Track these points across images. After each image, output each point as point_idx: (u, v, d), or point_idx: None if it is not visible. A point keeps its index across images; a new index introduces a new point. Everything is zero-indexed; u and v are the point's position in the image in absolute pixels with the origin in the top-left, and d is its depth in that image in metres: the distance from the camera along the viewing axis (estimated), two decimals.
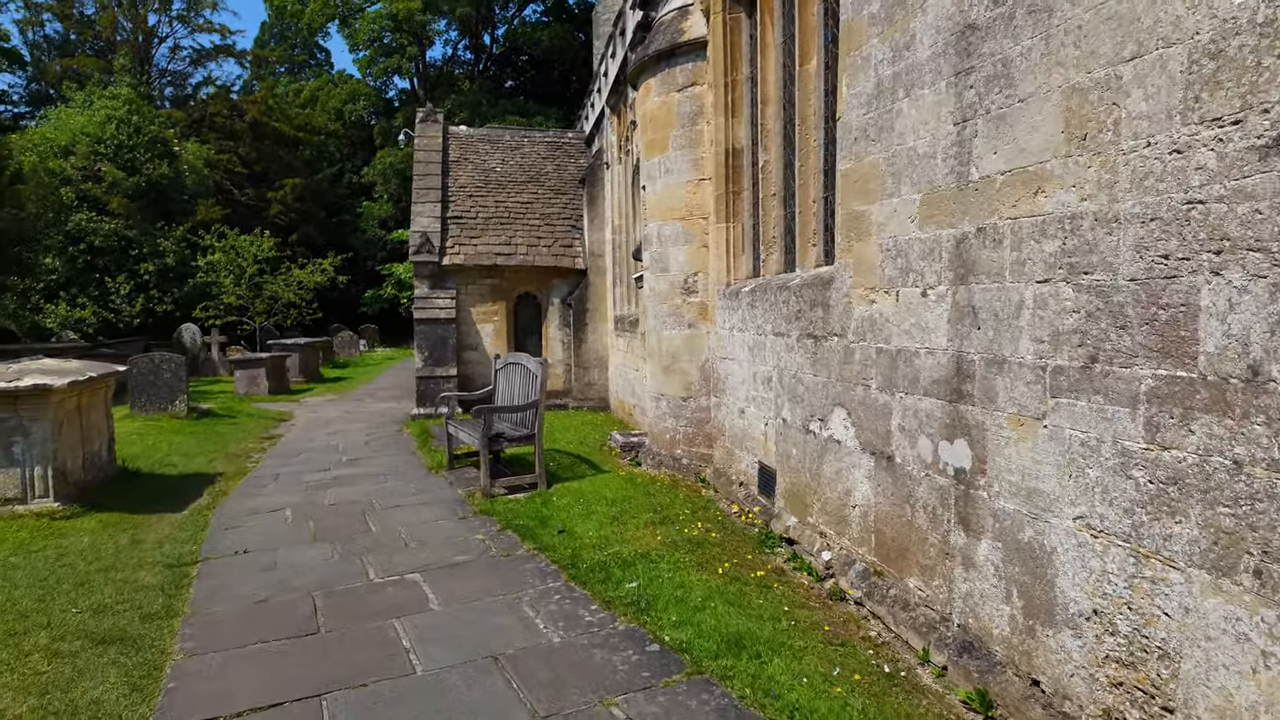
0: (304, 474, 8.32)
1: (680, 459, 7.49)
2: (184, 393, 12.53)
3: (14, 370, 6.25)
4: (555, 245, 14.25)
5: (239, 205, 32.47)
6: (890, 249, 4.06)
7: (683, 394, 7.46)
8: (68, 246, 25.68)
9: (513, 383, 7.76)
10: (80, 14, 33.39)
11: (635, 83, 8.03)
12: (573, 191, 15.10)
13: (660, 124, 7.44)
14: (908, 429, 3.93)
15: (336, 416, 13.97)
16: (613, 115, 12.83)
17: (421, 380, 13.31)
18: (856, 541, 4.48)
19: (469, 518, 6.11)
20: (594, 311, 13.92)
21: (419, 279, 13.68)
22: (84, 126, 26.74)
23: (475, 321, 14.05)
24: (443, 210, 14.22)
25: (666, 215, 7.46)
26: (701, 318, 7.30)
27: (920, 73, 3.79)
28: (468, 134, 16.01)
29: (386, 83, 42.43)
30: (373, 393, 18.28)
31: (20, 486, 6.14)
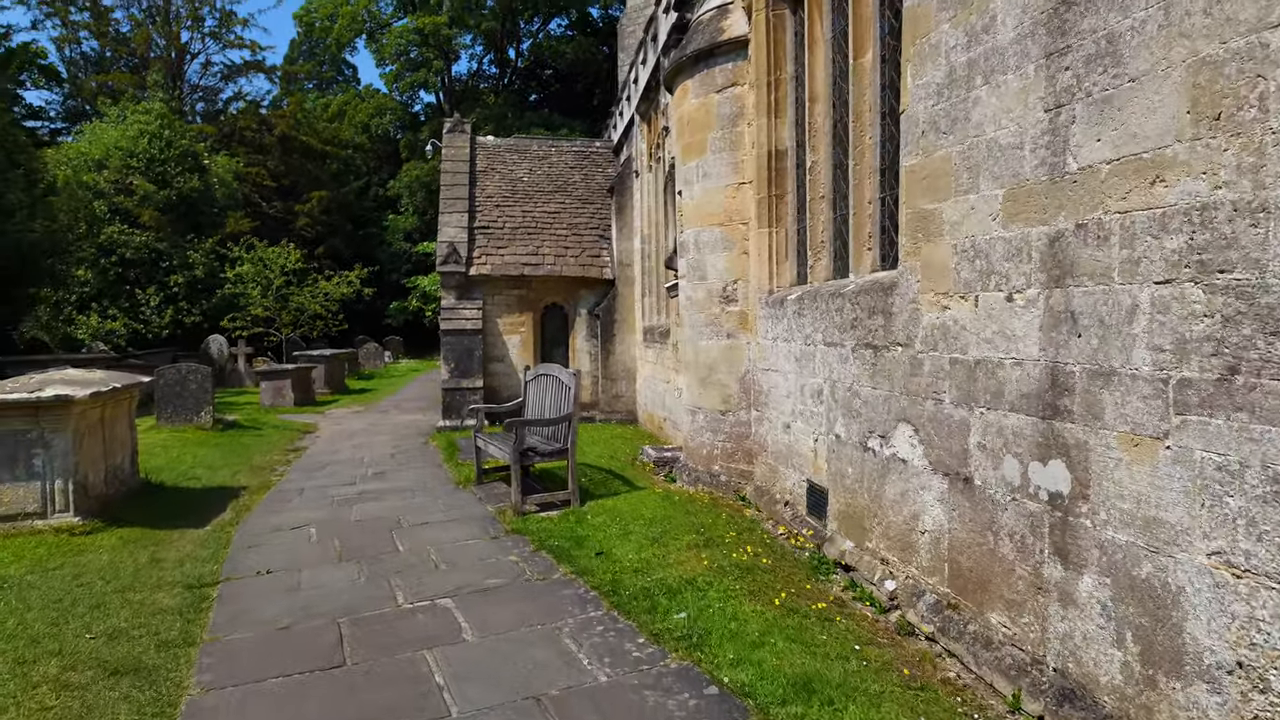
0: (329, 488, 8.08)
1: (718, 475, 7.14)
2: (210, 404, 12.43)
3: (36, 381, 6.09)
4: (583, 255, 14.01)
5: (267, 218, 32.77)
6: (966, 250, 3.71)
7: (721, 407, 7.12)
8: (100, 259, 26.01)
9: (543, 395, 7.48)
10: (116, 31, 34.07)
11: (671, 85, 7.76)
12: (600, 201, 14.88)
13: (698, 126, 7.15)
14: (990, 448, 3.56)
15: (362, 429, 13.80)
16: (643, 123, 12.59)
17: (447, 392, 13.09)
18: (926, 571, 4.10)
19: (500, 537, 5.80)
20: (622, 322, 13.64)
21: (445, 290, 13.50)
22: (117, 141, 27.16)
23: (502, 333, 13.83)
24: (470, 220, 14.06)
25: (704, 221, 7.16)
26: (741, 327, 6.97)
27: (1002, 57, 3.45)
28: (495, 144, 15.88)
29: (412, 97, 42.84)
30: (398, 404, 18.14)
31: (40, 500, 5.95)
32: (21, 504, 5.92)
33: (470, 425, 13.28)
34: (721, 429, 7.12)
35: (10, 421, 5.82)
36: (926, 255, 4.04)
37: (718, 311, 7.10)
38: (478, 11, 38.35)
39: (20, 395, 5.74)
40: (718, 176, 7.01)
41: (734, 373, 7.02)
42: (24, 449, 5.89)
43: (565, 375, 6.91)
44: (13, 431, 5.84)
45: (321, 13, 40.71)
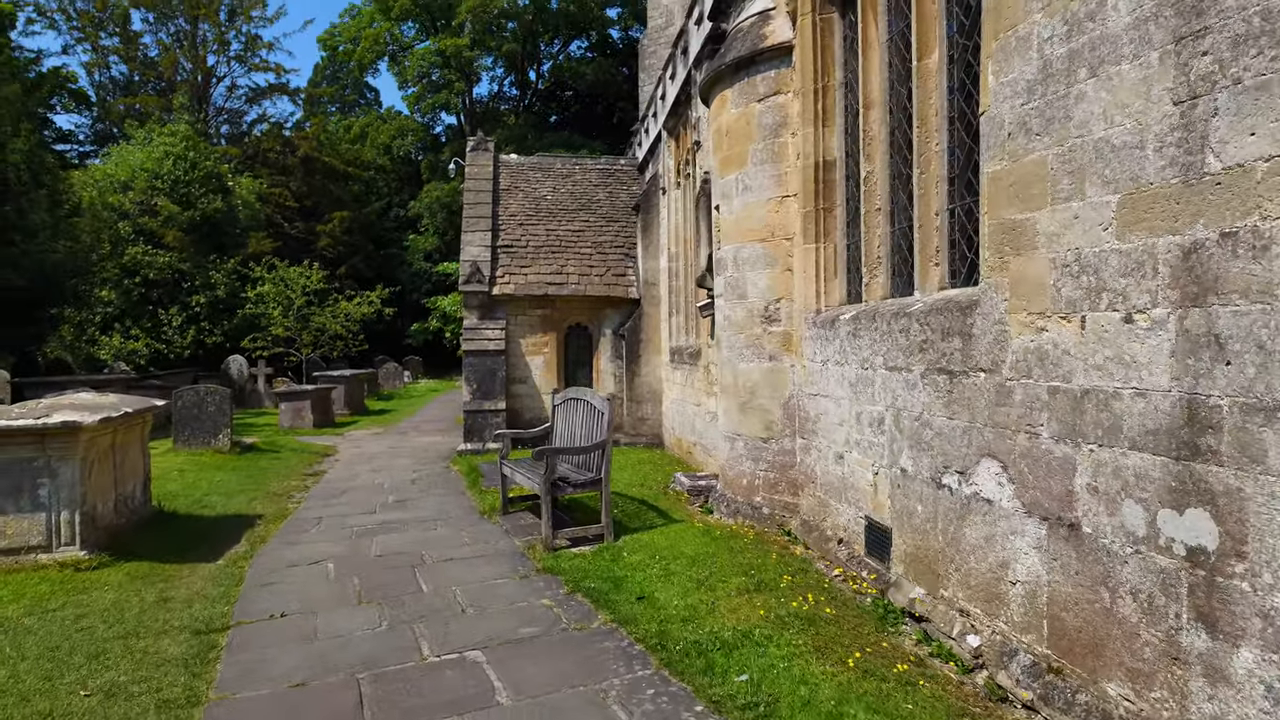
0: (348, 517, 7.71)
1: (760, 508, 6.68)
2: (228, 426, 12.16)
3: (44, 406, 5.78)
4: (608, 274, 13.67)
5: (289, 238, 32.90)
6: (1069, 264, 3.27)
7: (763, 434, 6.67)
8: (123, 279, 26.12)
9: (573, 421, 7.07)
10: (144, 56, 34.61)
11: (707, 96, 7.41)
12: (625, 219, 14.56)
13: (738, 137, 6.78)
14: (1104, 491, 3.10)
15: (381, 451, 13.47)
16: (670, 139, 12.28)
17: (469, 414, 12.73)
18: (1019, 627, 3.61)
19: (531, 576, 5.37)
20: (647, 343, 13.25)
21: (468, 309, 13.20)
22: (143, 162, 27.40)
23: (524, 353, 13.49)
24: (493, 239, 13.79)
25: (744, 237, 6.76)
26: (785, 349, 6.54)
27: (1114, 45, 3.04)
28: (518, 162, 15.66)
29: (434, 119, 43.11)
30: (417, 426, 17.83)
31: (45, 533, 5.62)
32: (25, 536, 5.59)
33: (493, 449, 12.93)
34: (763, 458, 6.67)
35: (15, 449, 5.51)
36: (1016, 270, 3.60)
37: (759, 332, 6.68)
38: (499, 34, 38.61)
39: (26, 421, 5.43)
40: (759, 189, 6.62)
41: (777, 397, 6.58)
42: (29, 478, 5.57)
43: (597, 400, 6.51)
44: (17, 460, 5.53)
45: (345, 36, 41.23)
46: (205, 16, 34.51)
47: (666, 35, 28.89)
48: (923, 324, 4.44)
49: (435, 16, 39.36)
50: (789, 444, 6.53)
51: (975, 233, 4.35)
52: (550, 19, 41.05)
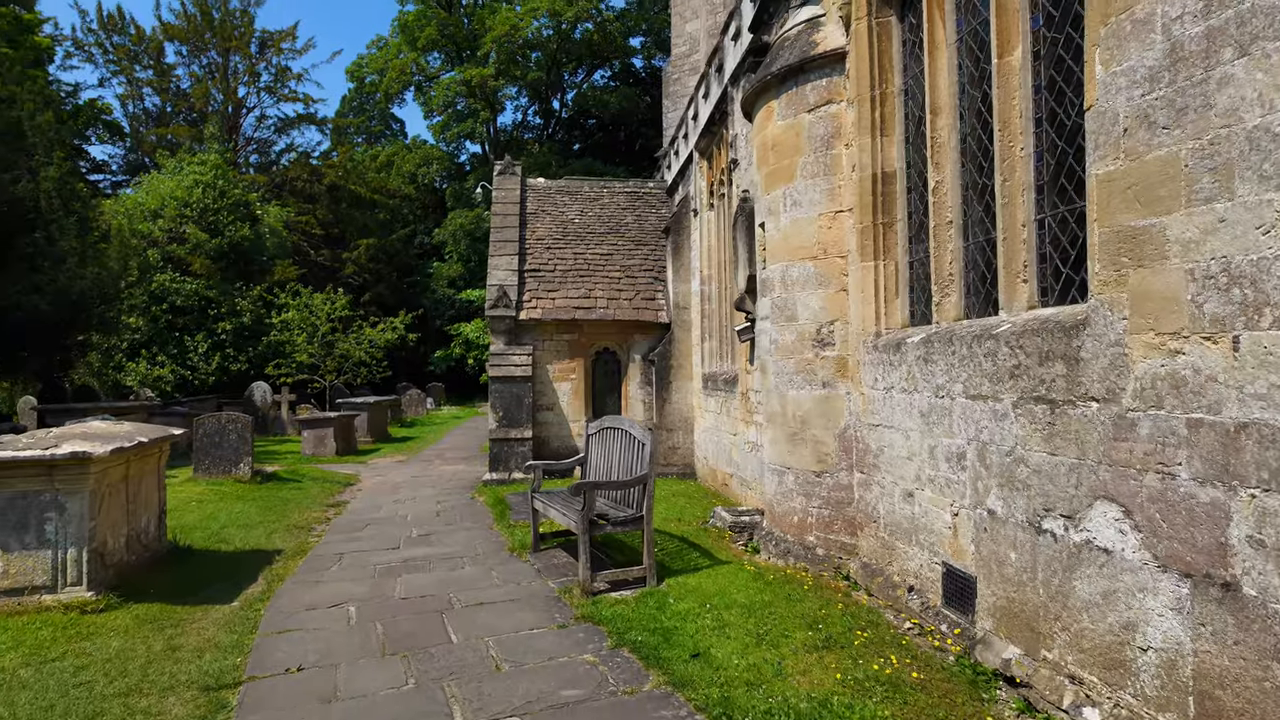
0: (371, 554, 7.29)
1: (813, 548, 6.15)
2: (249, 455, 11.86)
3: (54, 436, 5.46)
4: (637, 298, 13.30)
5: (315, 265, 33.06)
6: (1214, 275, 2.79)
7: (815, 467, 6.17)
8: (151, 306, 26.29)
9: (609, 451, 6.62)
10: (176, 87, 35.32)
11: (751, 109, 7.04)
12: (654, 243, 14.23)
13: (785, 150, 6.39)
14: (1274, 546, 2.58)
15: (404, 481, 13.09)
16: (702, 160, 11.95)
17: (495, 443, 12.33)
18: (1154, 703, 3.07)
19: (570, 625, 4.89)
20: (678, 369, 12.81)
21: (494, 334, 12.87)
22: (173, 191, 27.73)
23: (552, 379, 13.10)
24: (520, 263, 13.51)
25: (793, 255, 6.33)
26: (839, 375, 6.06)
27: (1270, 18, 2.59)
28: (546, 185, 15.43)
29: (458, 147, 43.50)
30: (440, 454, 17.47)
31: (50, 572, 5.25)
32: (29, 576, 5.22)
33: (519, 479, 12.50)
34: (816, 493, 6.16)
35: (21, 481, 5.17)
36: (1138, 285, 3.12)
37: (810, 357, 6.21)
38: (524, 63, 38.98)
39: (33, 453, 5.09)
40: (809, 205, 6.21)
41: (831, 427, 6.09)
42: (35, 513, 5.22)
43: (637, 430, 6.05)
44: (23, 494, 5.18)
45: (372, 67, 41.87)
46: (237, 49, 35.20)
47: (690, 62, 28.94)
48: (1013, 347, 3.96)
49: (461, 47, 39.88)
50: (845, 479, 6.01)
51: (1071, 244, 3.89)
52: (574, 49, 41.42)
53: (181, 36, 35.05)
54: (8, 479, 5.13)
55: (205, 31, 35.08)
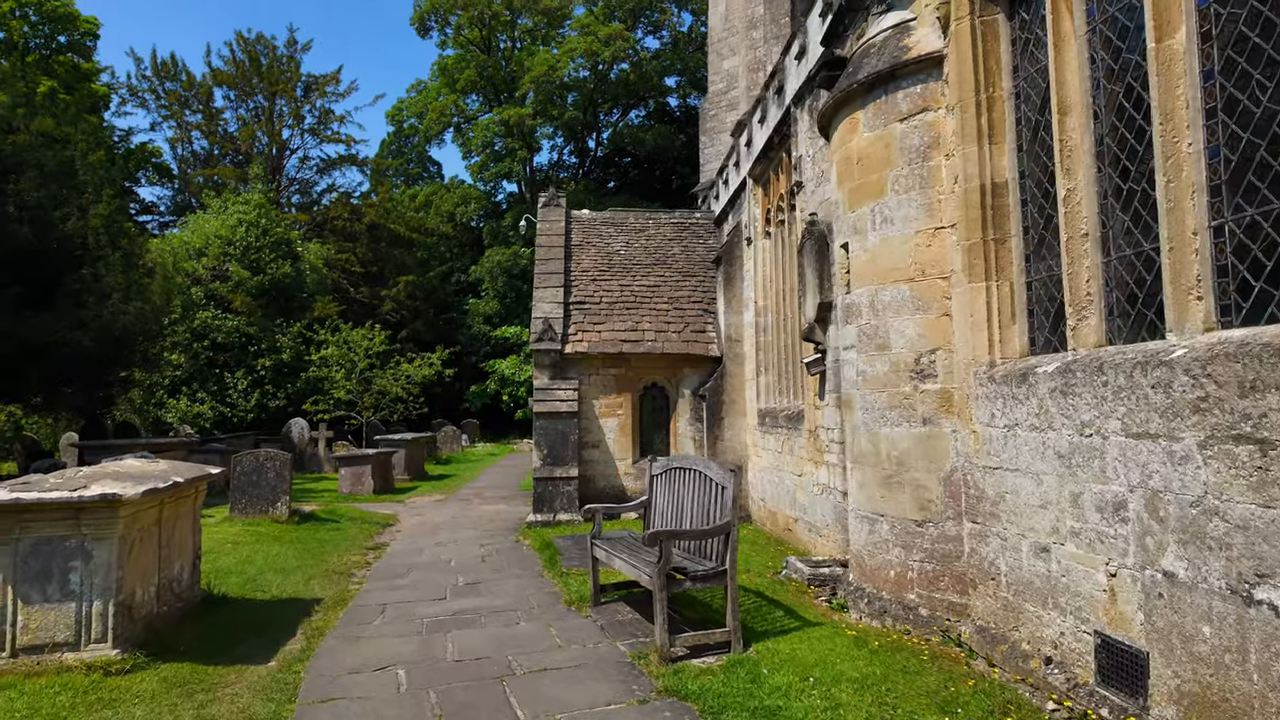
0: (416, 604, 6.70)
1: (915, 607, 5.42)
2: (287, 494, 11.44)
3: (83, 476, 5.01)
4: (686, 331, 12.76)
5: (354, 302, 33.24)
6: None
7: (915, 515, 5.47)
8: (192, 343, 26.50)
9: (680, 495, 5.98)
10: (224, 130, 36.27)
11: (829, 123, 6.53)
12: (703, 274, 13.73)
13: (873, 164, 5.84)
14: None
15: (444, 521, 12.55)
16: (756, 187, 11.48)
17: (540, 482, 11.74)
18: None
19: (651, 700, 4.23)
20: (730, 404, 12.16)
21: (539, 369, 12.40)
22: (217, 229, 28.18)
23: (598, 415, 12.55)
24: (565, 295, 13.08)
25: (885, 277, 5.73)
26: (943, 411, 5.39)
27: None
28: (590, 217, 15.10)
29: (495, 187, 43.94)
30: (479, 492, 16.94)
31: (74, 628, 4.75)
32: (51, 632, 4.73)
33: (564, 520, 11.87)
34: (917, 545, 5.45)
35: (46, 526, 4.72)
36: None
37: (907, 390, 5.56)
38: (560, 103, 39.41)
39: (59, 494, 4.64)
40: (903, 221, 5.62)
41: (934, 470, 5.40)
42: (60, 561, 4.75)
43: (715, 471, 5.43)
44: (47, 540, 4.72)
45: (411, 110, 42.69)
46: (283, 92, 36.13)
47: (728, 98, 28.84)
48: (1197, 376, 3.29)
49: (499, 90, 40.51)
50: (952, 529, 5.30)
51: (1269, 253, 3.25)
52: (609, 89, 41.86)
53: (230, 82, 36.11)
54: (32, 523, 4.68)
55: (253, 77, 36.12)
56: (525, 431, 38.36)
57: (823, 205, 8.05)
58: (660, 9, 43.07)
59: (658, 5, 42.87)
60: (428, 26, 40.49)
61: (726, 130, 28.47)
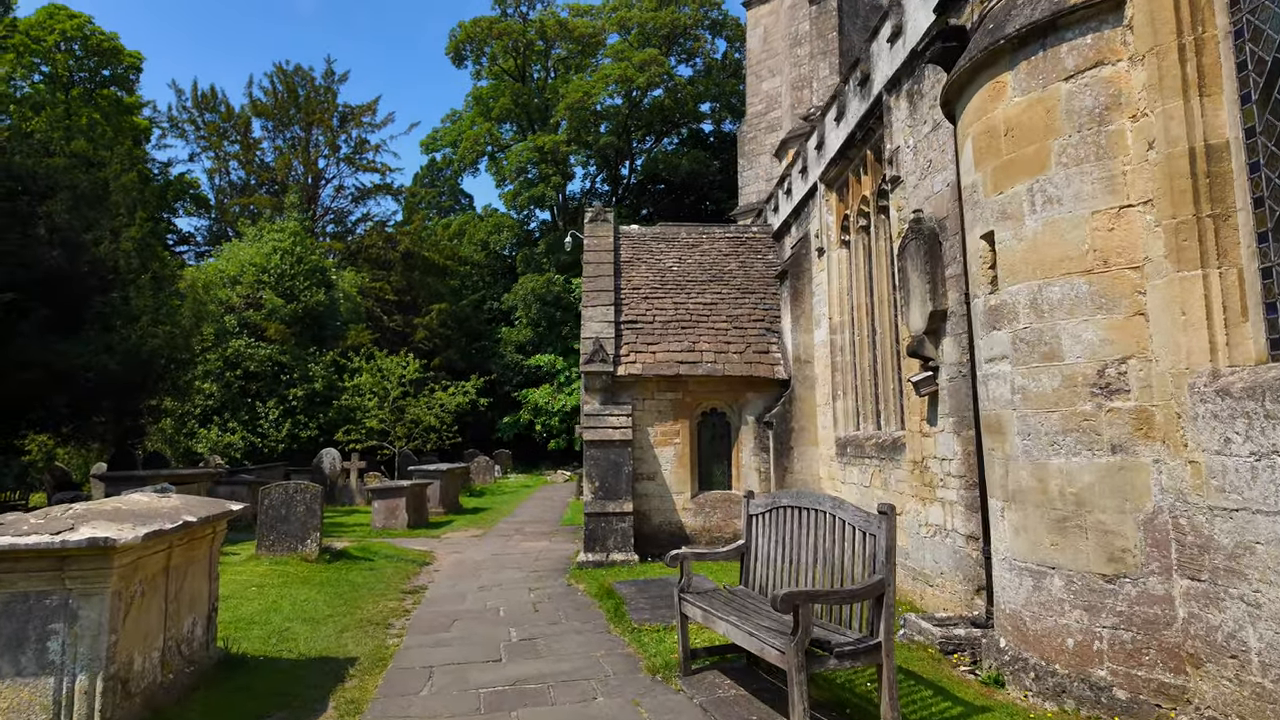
0: (466, 668, 5.64)
1: (1107, 687, 4.22)
2: (317, 530, 10.49)
3: (71, 515, 4.06)
4: (748, 351, 11.68)
5: (387, 330, 32.75)
6: None
7: (1103, 569, 4.30)
8: (225, 371, 26.03)
9: (794, 541, 4.86)
10: (260, 160, 36.40)
11: (959, 96, 5.52)
12: (763, 290, 12.69)
13: (1028, 133, 4.79)
14: None
15: (485, 560, 11.51)
16: (829, 192, 10.47)
17: (591, 518, 10.65)
18: None
19: None
20: (800, 432, 11.02)
21: (589, 392, 11.39)
22: (252, 258, 27.90)
23: (652, 444, 11.47)
24: (616, 314, 12.12)
25: (1050, 270, 4.64)
26: (1141, 435, 4.25)
27: None
28: (639, 232, 14.21)
29: (529, 215, 43.60)
30: (518, 527, 15.88)
31: (51, 710, 3.76)
32: (23, 713, 3.74)
33: (619, 560, 10.74)
34: (1108, 606, 4.26)
35: (21, 579, 3.76)
36: None
37: (1088, 410, 4.42)
38: (595, 129, 39.08)
39: (37, 539, 3.69)
40: (1074, 200, 4.54)
41: (1129, 511, 4.24)
42: (37, 624, 3.78)
43: (851, 513, 4.31)
44: (23, 595, 3.77)
45: (446, 140, 42.69)
46: (319, 122, 36.24)
47: (768, 120, 28.12)
48: None
49: (533, 118, 40.34)
50: (1158, 587, 4.12)
51: None
52: (643, 116, 41.52)
53: (268, 113, 36.34)
54: (3, 575, 3.73)
55: (290, 108, 36.31)
56: (558, 462, 37.34)
57: (932, 200, 7.00)
58: (694, 36, 42.81)
59: (691, 33, 42.61)
60: (463, 56, 40.60)
61: (766, 152, 27.71)
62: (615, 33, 40.96)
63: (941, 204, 6.83)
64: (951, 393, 6.62)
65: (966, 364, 6.35)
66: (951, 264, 6.63)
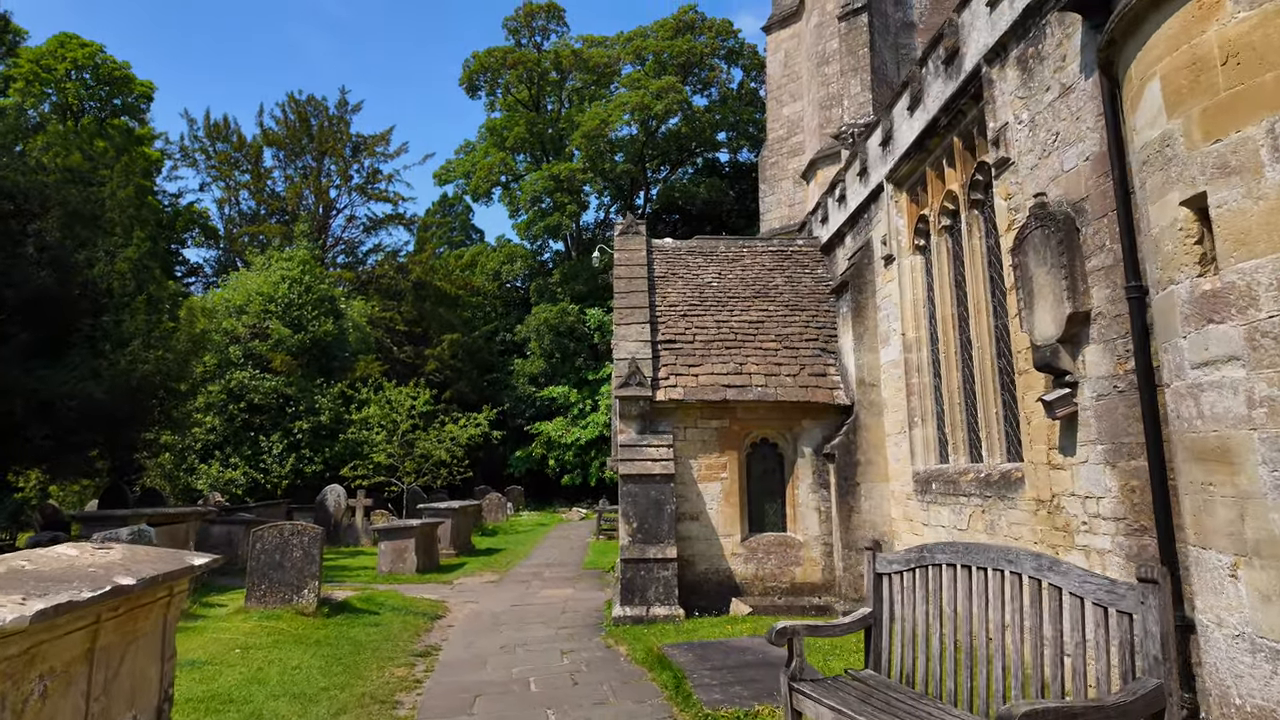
0: None
1: None
2: (315, 578, 9.15)
3: None
4: (802, 374, 10.39)
5: (396, 362, 31.61)
6: None
7: None
8: (228, 404, 24.85)
9: (967, 617, 3.51)
10: (271, 190, 35.74)
11: (1138, 26, 4.30)
12: (815, 307, 11.44)
13: (1260, 57, 3.56)
14: None
15: (504, 612, 10.14)
16: (899, 192, 9.28)
17: (629, 565, 9.26)
18: None
19: None
20: (867, 465, 9.66)
21: (624, 420, 10.09)
22: (259, 287, 26.93)
23: (696, 479, 10.12)
24: (652, 333, 10.88)
25: None
26: None
27: None
28: (674, 246, 13.05)
29: (542, 245, 42.78)
30: (537, 571, 14.47)
31: None
32: None
33: (662, 616, 9.28)
34: None
35: None
36: None
37: None
38: (610, 158, 38.39)
39: None
40: None
41: None
42: None
43: (1078, 580, 2.96)
44: None
45: (459, 171, 42.07)
46: (332, 151, 35.66)
47: (789, 144, 27.20)
48: None
49: (547, 149, 39.73)
50: None
51: None
52: (659, 146, 40.91)
53: (280, 143, 35.79)
54: None
55: (303, 137, 35.77)
56: (571, 498, 35.79)
57: (1061, 180, 5.76)
58: (709, 66, 42.35)
59: (706, 63, 42.17)
60: (476, 86, 40.19)
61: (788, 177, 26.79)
62: (631, 63, 40.55)
63: (1076, 183, 5.60)
64: (1101, 414, 5.30)
65: (1125, 377, 5.05)
66: (1096, 254, 5.37)
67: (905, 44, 24.11)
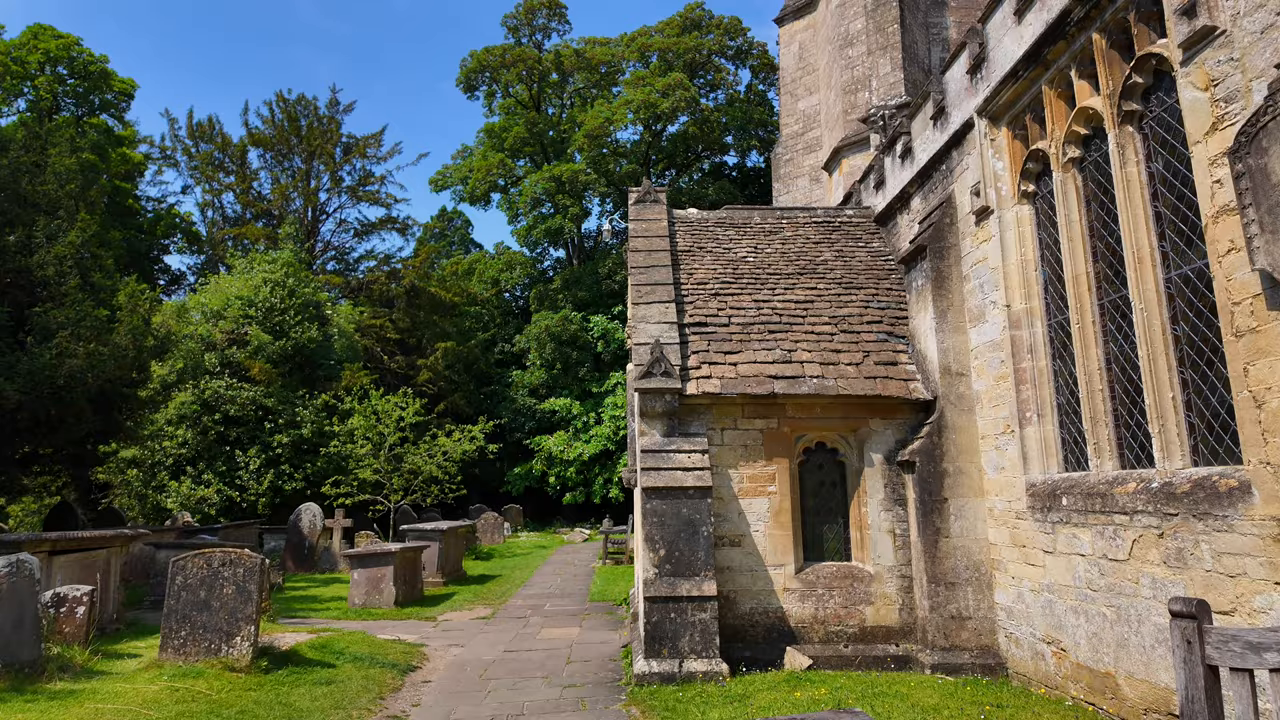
0: None
1: None
2: (251, 622, 7.06)
3: None
4: (866, 362, 8.36)
5: (387, 372, 29.55)
6: None
7: None
8: (201, 416, 22.80)
9: None
10: (256, 192, 33.87)
11: None
12: (874, 285, 9.44)
13: None
14: None
15: (496, 661, 8.06)
16: (996, 129, 7.33)
17: (655, 605, 7.16)
18: None
19: None
20: (957, 476, 7.60)
21: (646, 419, 8.03)
22: (239, 290, 24.98)
23: (736, 493, 8.05)
24: (678, 315, 8.88)
25: None
26: None
27: None
28: (700, 216, 11.09)
29: (543, 252, 40.94)
30: (537, 605, 12.34)
31: None
32: None
33: (699, 673, 7.13)
34: None
35: None
36: None
37: None
38: (614, 160, 36.64)
39: None
40: None
41: None
42: None
43: None
44: None
45: (456, 177, 40.29)
46: (321, 152, 33.86)
47: (805, 140, 25.39)
48: None
49: (548, 151, 38.01)
50: None
51: None
52: (664, 149, 39.24)
53: (267, 144, 34.02)
54: None
55: (291, 138, 33.99)
56: (573, 518, 33.52)
57: None
58: (716, 68, 40.73)
59: (713, 63, 40.56)
60: (474, 86, 38.52)
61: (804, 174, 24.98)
62: (635, 61, 38.94)
63: None
64: None
65: None
66: None
67: (936, 23, 22.40)
